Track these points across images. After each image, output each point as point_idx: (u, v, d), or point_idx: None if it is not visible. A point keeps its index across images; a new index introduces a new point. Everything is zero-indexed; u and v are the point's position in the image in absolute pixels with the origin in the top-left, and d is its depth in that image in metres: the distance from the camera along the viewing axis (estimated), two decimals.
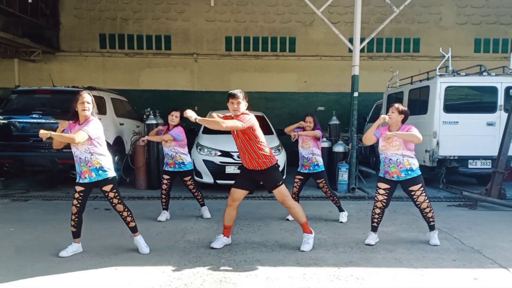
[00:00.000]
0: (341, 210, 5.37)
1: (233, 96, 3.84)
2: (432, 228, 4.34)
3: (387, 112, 4.20)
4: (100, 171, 3.73)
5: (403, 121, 4.11)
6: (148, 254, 3.92)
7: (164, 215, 5.31)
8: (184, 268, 3.59)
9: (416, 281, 3.37)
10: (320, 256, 3.93)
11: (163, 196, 5.30)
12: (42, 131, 3.48)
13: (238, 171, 4.23)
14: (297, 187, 5.34)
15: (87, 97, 3.65)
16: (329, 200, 5.46)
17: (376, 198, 4.28)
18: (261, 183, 4.15)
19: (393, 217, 5.47)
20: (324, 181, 5.29)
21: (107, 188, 3.79)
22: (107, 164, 3.79)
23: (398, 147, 4.07)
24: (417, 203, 4.22)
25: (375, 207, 4.29)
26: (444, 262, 3.79)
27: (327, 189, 5.31)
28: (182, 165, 5.20)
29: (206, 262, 3.73)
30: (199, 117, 3.59)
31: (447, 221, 5.32)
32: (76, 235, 3.90)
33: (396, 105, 4.13)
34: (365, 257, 3.92)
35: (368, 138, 4.19)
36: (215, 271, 3.53)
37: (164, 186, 5.26)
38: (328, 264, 3.72)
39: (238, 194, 4.07)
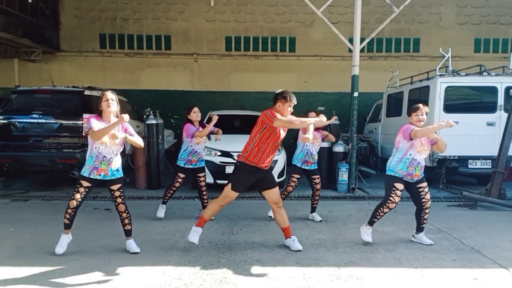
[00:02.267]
0: (313, 211, 5.39)
1: (293, 100, 3.90)
2: (422, 229, 4.35)
3: (409, 115, 4.21)
4: (115, 172, 3.81)
5: None
6: (148, 254, 3.92)
7: (163, 211, 5.35)
8: (184, 268, 3.59)
9: (416, 281, 3.37)
10: (320, 256, 3.93)
11: (171, 192, 5.31)
12: (126, 116, 3.61)
13: None
14: (294, 186, 5.28)
15: (110, 95, 3.80)
16: (313, 198, 5.39)
17: (391, 199, 4.16)
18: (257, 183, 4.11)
19: (393, 217, 5.47)
20: (319, 177, 5.32)
21: (115, 187, 3.83)
22: (120, 164, 3.89)
23: (428, 151, 4.14)
24: (423, 200, 4.20)
25: (385, 207, 4.20)
26: (444, 262, 3.79)
27: (320, 186, 5.31)
28: (202, 161, 5.26)
29: (206, 262, 3.72)
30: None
31: (447, 221, 5.32)
32: (68, 227, 3.87)
33: (422, 107, 4.13)
34: (365, 257, 3.92)
35: (427, 134, 4.05)
36: (215, 271, 3.53)
37: (177, 184, 5.26)
38: (328, 264, 3.72)
39: (235, 197, 4.05)
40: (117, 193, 3.85)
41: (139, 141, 3.87)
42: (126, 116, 3.60)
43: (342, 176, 7.32)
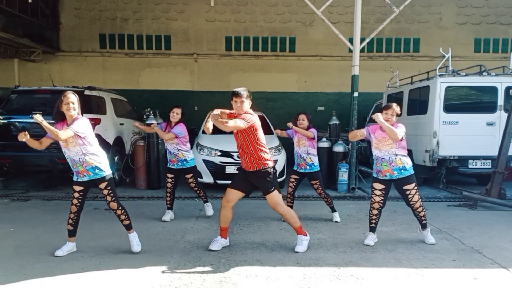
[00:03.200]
0: (334, 210, 5.34)
1: (237, 94, 3.82)
2: (424, 226, 4.35)
3: (380, 111, 4.15)
4: (96, 170, 3.76)
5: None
6: (148, 254, 3.92)
7: (169, 215, 5.30)
8: (184, 268, 3.59)
9: (416, 281, 3.37)
10: (320, 256, 3.93)
11: (168, 195, 5.29)
12: (37, 116, 3.41)
13: (237, 171, 4.19)
14: (293, 187, 5.28)
15: (71, 97, 3.67)
16: (325, 200, 5.35)
17: (372, 199, 4.27)
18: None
19: (393, 217, 5.47)
20: (318, 182, 5.20)
21: (102, 185, 3.82)
22: (102, 162, 3.82)
23: (391, 145, 4.07)
24: (411, 202, 4.21)
25: (372, 208, 4.29)
26: (444, 262, 3.79)
27: (321, 191, 5.25)
28: (184, 162, 5.20)
29: (206, 262, 3.72)
30: (214, 112, 3.68)
31: (447, 221, 5.32)
32: (72, 234, 3.91)
33: (394, 107, 4.10)
34: (365, 257, 3.92)
35: (353, 135, 4.27)
36: (215, 271, 3.53)
37: (169, 185, 5.24)
38: (328, 264, 3.72)
39: (233, 195, 4.00)
40: (105, 191, 3.84)
41: (54, 131, 3.47)
42: (38, 116, 3.41)
43: (342, 176, 7.32)
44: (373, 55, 12.53)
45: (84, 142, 3.68)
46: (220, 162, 6.99)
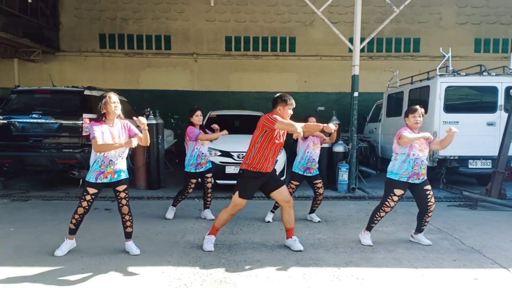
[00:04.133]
0: (313, 211, 5.35)
1: (292, 104, 3.88)
2: (422, 231, 4.34)
3: (406, 117, 4.17)
4: (121, 173, 3.80)
5: None
6: (148, 254, 3.92)
7: (173, 213, 5.36)
8: (184, 268, 3.58)
9: (416, 281, 3.36)
10: (320, 256, 3.93)
11: (183, 197, 5.36)
12: (142, 118, 3.60)
13: (237, 171, 4.17)
14: (291, 193, 5.21)
15: (115, 98, 3.76)
16: (315, 202, 5.33)
17: (387, 204, 4.16)
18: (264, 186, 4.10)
19: (393, 217, 5.46)
20: (321, 181, 5.25)
21: (121, 188, 3.82)
22: (125, 165, 3.88)
23: (427, 149, 4.14)
24: (429, 203, 4.15)
25: (382, 211, 4.20)
26: (444, 262, 3.79)
27: (323, 190, 5.26)
28: (209, 163, 5.32)
29: (206, 262, 3.72)
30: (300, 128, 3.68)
31: (447, 221, 5.32)
32: (73, 232, 3.91)
33: (419, 108, 4.11)
34: (365, 257, 3.92)
35: (410, 140, 4.02)
36: (215, 271, 3.53)
37: (191, 190, 5.27)
38: (328, 264, 3.72)
39: (244, 204, 4.02)
40: (122, 194, 3.84)
41: (146, 137, 3.73)
42: (134, 141, 3.59)
43: (342, 176, 7.31)
44: (373, 55, 12.53)
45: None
46: (220, 162, 6.98)
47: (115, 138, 3.68)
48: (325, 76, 12.48)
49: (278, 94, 3.97)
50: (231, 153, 6.94)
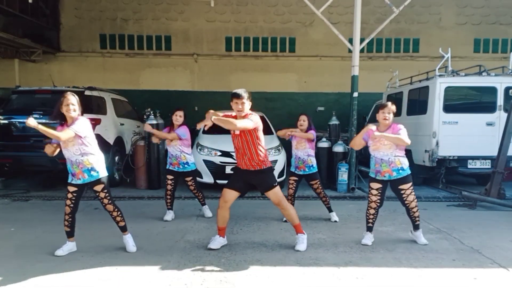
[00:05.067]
0: (331, 210, 5.36)
1: (238, 96, 3.83)
2: (417, 227, 4.35)
3: (377, 112, 4.22)
4: (92, 172, 3.76)
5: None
6: (148, 254, 3.93)
7: (170, 215, 5.32)
8: (184, 268, 3.59)
9: (416, 281, 3.37)
10: (320, 256, 3.94)
11: (168, 197, 5.30)
12: (30, 120, 3.44)
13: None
14: (293, 188, 5.27)
15: (71, 99, 3.69)
16: (322, 201, 5.37)
17: (369, 199, 4.28)
18: (254, 185, 4.08)
19: (393, 217, 5.48)
20: (318, 182, 5.24)
21: (98, 188, 3.81)
22: (98, 164, 3.81)
23: (390, 146, 4.07)
24: (406, 202, 4.21)
25: (369, 208, 4.30)
26: (443, 262, 3.80)
27: (321, 190, 5.27)
28: (186, 165, 5.21)
29: (206, 262, 3.73)
30: (215, 117, 3.62)
31: (447, 221, 5.33)
32: (70, 234, 3.93)
33: (390, 105, 4.14)
34: (365, 257, 3.93)
35: (357, 144, 4.27)
36: (215, 271, 3.54)
37: (169, 187, 5.25)
38: (328, 264, 3.73)
39: (230, 195, 4.01)
40: (102, 194, 3.82)
41: (55, 134, 3.59)
42: (30, 120, 3.47)
43: (341, 176, 7.32)
44: (373, 55, 12.54)
45: (84, 142, 3.70)
46: (220, 162, 7.00)
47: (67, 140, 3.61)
48: (325, 76, 12.49)
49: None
50: (231, 153, 6.94)
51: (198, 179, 6.89)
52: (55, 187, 7.59)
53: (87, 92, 7.14)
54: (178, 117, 5.16)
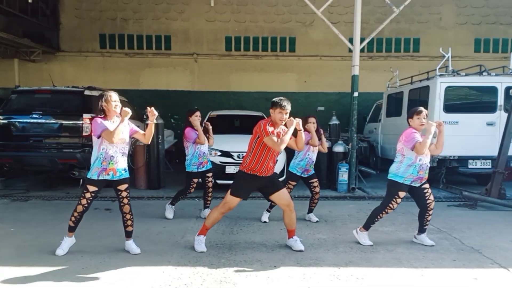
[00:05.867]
0: (311, 212, 5.37)
1: (284, 107, 3.79)
2: (424, 231, 4.33)
3: (410, 117, 4.16)
4: (123, 171, 3.83)
5: None
6: (148, 254, 3.93)
7: (172, 211, 5.38)
8: (184, 268, 3.59)
9: (416, 281, 3.37)
10: (320, 256, 3.93)
11: (183, 197, 5.40)
12: (126, 109, 3.65)
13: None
14: (289, 192, 5.25)
15: (115, 96, 3.82)
16: (312, 201, 5.36)
17: (391, 206, 4.17)
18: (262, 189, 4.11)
19: (393, 217, 5.47)
20: (317, 180, 5.28)
21: (123, 187, 3.85)
22: (126, 165, 3.91)
23: (428, 152, 4.10)
24: (428, 201, 4.17)
25: (384, 213, 4.21)
26: (444, 262, 3.79)
27: (319, 188, 5.28)
28: (210, 162, 5.35)
29: (206, 262, 3.73)
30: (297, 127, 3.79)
31: (447, 221, 5.32)
32: (72, 230, 3.91)
33: (424, 110, 4.11)
34: (365, 257, 3.93)
35: (427, 147, 4.01)
36: (215, 271, 3.53)
37: (193, 190, 5.28)
38: (328, 264, 3.72)
39: (236, 203, 4.00)
40: (124, 193, 3.86)
41: (148, 134, 3.88)
42: (127, 109, 3.65)
43: (342, 176, 7.32)
44: (373, 55, 12.54)
45: (127, 142, 3.81)
46: (220, 162, 6.99)
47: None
48: (325, 76, 12.49)
49: (277, 98, 3.93)
50: (231, 153, 6.94)
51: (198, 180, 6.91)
52: (55, 187, 7.58)
53: (86, 92, 7.13)
54: (199, 118, 5.20)
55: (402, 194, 4.13)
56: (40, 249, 4.02)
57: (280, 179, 7.00)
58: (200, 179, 5.29)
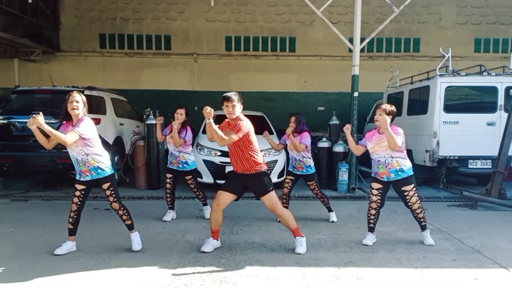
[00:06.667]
0: (330, 210, 5.34)
1: (228, 99, 3.77)
2: (424, 228, 4.33)
3: (374, 114, 4.17)
4: (99, 170, 3.78)
5: (392, 121, 4.04)
6: (148, 254, 3.92)
7: (170, 215, 5.29)
8: (184, 268, 3.59)
9: (416, 281, 3.37)
10: (320, 256, 3.93)
11: (168, 196, 5.28)
12: (38, 117, 3.35)
13: None
14: (288, 187, 5.23)
15: (77, 97, 3.71)
16: (321, 201, 5.34)
17: (370, 199, 4.28)
18: (249, 189, 4.03)
19: (393, 217, 5.47)
20: (315, 183, 5.19)
21: (105, 186, 3.83)
22: (105, 163, 3.83)
23: (386, 148, 4.01)
24: (409, 204, 4.18)
25: (370, 208, 4.28)
26: (444, 262, 3.79)
27: (318, 191, 5.24)
28: (185, 164, 5.19)
29: (206, 262, 3.72)
30: (208, 121, 3.63)
31: (447, 221, 5.32)
32: (72, 232, 3.92)
33: (383, 106, 4.08)
34: (365, 257, 3.92)
35: (354, 149, 4.37)
36: (215, 271, 3.53)
37: (168, 185, 5.24)
38: (328, 264, 3.72)
39: (225, 198, 3.93)
40: (107, 192, 3.86)
41: (60, 137, 3.50)
42: (39, 118, 3.37)
43: (342, 176, 7.32)
44: (373, 55, 12.54)
45: (87, 143, 3.70)
46: (220, 162, 6.98)
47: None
48: (325, 76, 12.49)
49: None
50: None
51: (198, 179, 6.91)
52: (55, 187, 7.58)
53: (86, 92, 7.12)
54: (179, 115, 5.10)
55: (374, 185, 4.26)
56: (40, 249, 4.02)
57: (280, 180, 7.02)
58: (173, 175, 5.20)
